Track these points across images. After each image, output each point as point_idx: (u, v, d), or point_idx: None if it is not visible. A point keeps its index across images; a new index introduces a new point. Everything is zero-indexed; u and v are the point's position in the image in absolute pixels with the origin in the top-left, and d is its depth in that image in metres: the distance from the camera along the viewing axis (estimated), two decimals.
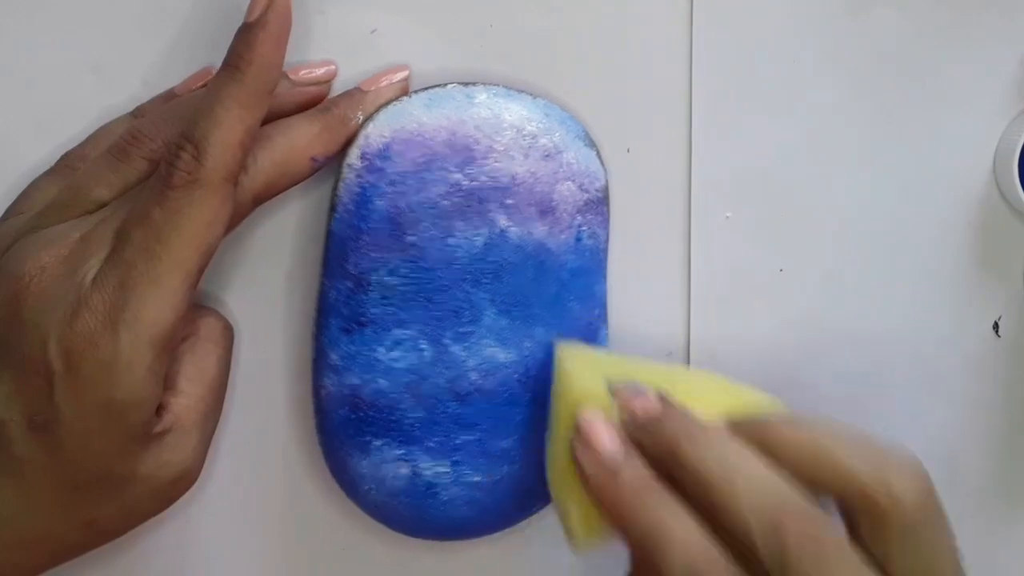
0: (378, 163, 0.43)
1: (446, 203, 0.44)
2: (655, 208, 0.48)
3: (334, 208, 0.44)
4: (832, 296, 0.50)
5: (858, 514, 0.37)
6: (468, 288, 0.44)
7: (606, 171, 0.46)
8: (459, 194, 0.44)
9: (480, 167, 0.44)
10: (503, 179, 0.44)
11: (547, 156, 0.44)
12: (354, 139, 0.44)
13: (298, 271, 0.47)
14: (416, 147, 0.43)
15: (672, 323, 0.49)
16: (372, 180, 0.43)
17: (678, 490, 0.38)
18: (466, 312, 0.44)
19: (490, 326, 0.44)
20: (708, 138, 0.48)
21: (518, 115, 0.44)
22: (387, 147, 0.43)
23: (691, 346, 0.49)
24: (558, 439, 0.42)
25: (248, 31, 0.40)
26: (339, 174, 0.44)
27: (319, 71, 0.45)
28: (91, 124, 0.45)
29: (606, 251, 0.47)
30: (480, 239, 0.44)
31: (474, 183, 0.44)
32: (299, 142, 0.43)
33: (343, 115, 0.44)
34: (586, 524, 0.41)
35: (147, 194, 0.39)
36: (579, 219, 0.45)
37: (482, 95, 0.44)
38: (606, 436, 0.39)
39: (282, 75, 0.44)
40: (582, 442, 0.40)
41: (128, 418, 0.39)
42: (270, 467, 0.48)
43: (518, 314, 0.45)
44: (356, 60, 0.45)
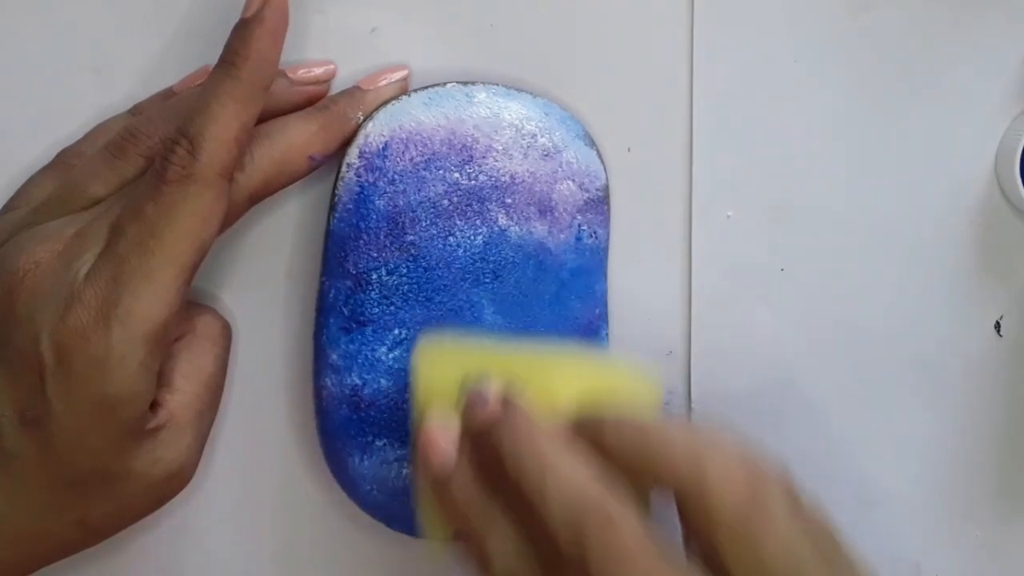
0: (377, 162, 0.44)
1: (445, 202, 0.44)
2: (655, 207, 0.48)
3: (333, 207, 0.44)
4: (832, 296, 0.50)
5: (681, 508, 0.37)
6: (468, 287, 0.44)
7: (606, 170, 0.46)
8: (458, 193, 0.44)
9: (479, 166, 0.44)
10: (502, 178, 0.44)
11: (546, 155, 0.45)
12: (353, 138, 0.44)
13: (297, 270, 0.47)
14: (415, 146, 0.44)
15: (672, 323, 0.49)
16: (371, 179, 0.44)
17: (509, 495, 0.38)
18: (466, 311, 0.44)
19: (490, 325, 0.44)
20: (708, 138, 0.48)
21: (517, 114, 0.44)
22: (386, 146, 0.44)
23: (691, 346, 0.49)
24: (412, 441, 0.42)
25: (244, 27, 0.40)
26: (338, 173, 0.44)
27: (318, 70, 0.45)
28: (90, 123, 0.45)
29: (607, 250, 0.47)
30: (480, 238, 0.44)
31: (473, 182, 0.44)
32: (297, 140, 0.43)
33: (342, 113, 0.44)
34: (434, 524, 0.41)
35: (142, 189, 0.39)
36: (579, 218, 0.45)
37: (481, 94, 0.44)
38: (440, 443, 0.39)
39: (281, 74, 0.44)
40: (420, 449, 0.40)
41: (120, 413, 0.39)
42: (269, 467, 0.48)
43: (518, 313, 0.45)
44: (356, 59, 0.45)
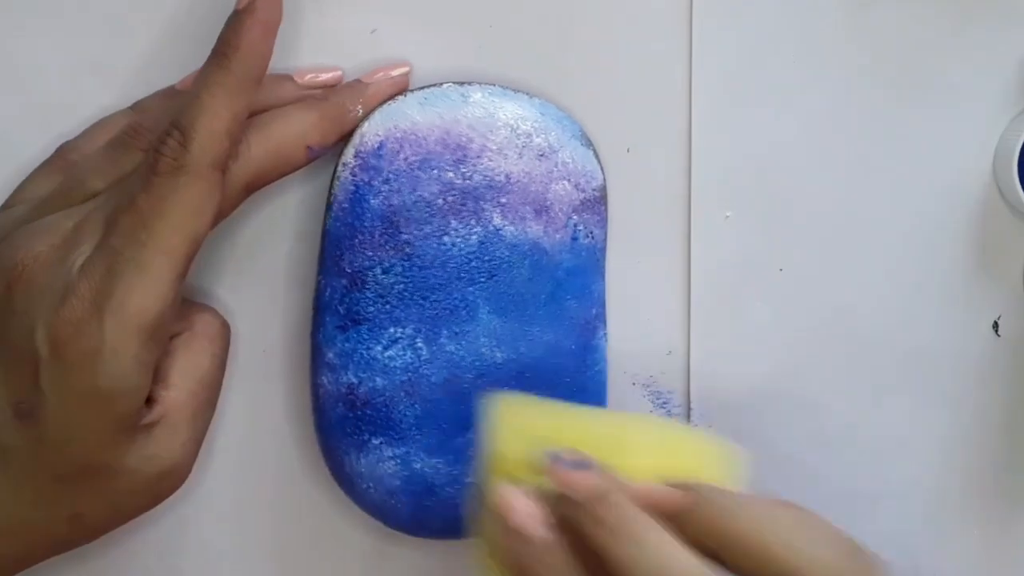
0: (372, 161, 0.44)
1: (440, 201, 0.44)
2: (655, 208, 0.48)
3: (329, 206, 0.44)
4: (832, 296, 0.50)
5: None
6: (463, 287, 0.44)
7: (604, 171, 0.46)
8: (453, 193, 0.44)
9: (474, 166, 0.44)
10: (497, 178, 0.44)
11: (542, 155, 0.45)
12: (349, 138, 0.44)
13: (294, 269, 0.47)
14: (410, 146, 0.44)
15: (672, 323, 0.49)
16: (366, 178, 0.44)
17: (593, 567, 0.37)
18: (461, 310, 0.44)
19: (485, 325, 0.45)
20: (708, 138, 0.48)
21: (513, 114, 0.44)
22: (381, 145, 0.44)
23: (691, 346, 0.49)
24: (482, 494, 0.40)
25: (236, 18, 0.40)
26: (334, 172, 0.44)
27: (325, 75, 0.45)
28: (90, 123, 0.45)
29: (604, 250, 0.47)
30: (475, 237, 0.44)
31: (468, 182, 0.44)
32: (295, 129, 0.42)
33: (341, 105, 0.44)
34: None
35: (135, 181, 0.39)
36: (575, 218, 0.45)
37: (477, 94, 0.44)
38: (521, 508, 0.38)
39: (287, 78, 0.45)
40: (498, 511, 0.38)
41: (113, 407, 0.39)
42: (267, 465, 0.48)
43: (513, 313, 0.45)
44: (356, 60, 0.45)
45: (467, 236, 0.44)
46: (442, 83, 0.45)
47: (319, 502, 0.49)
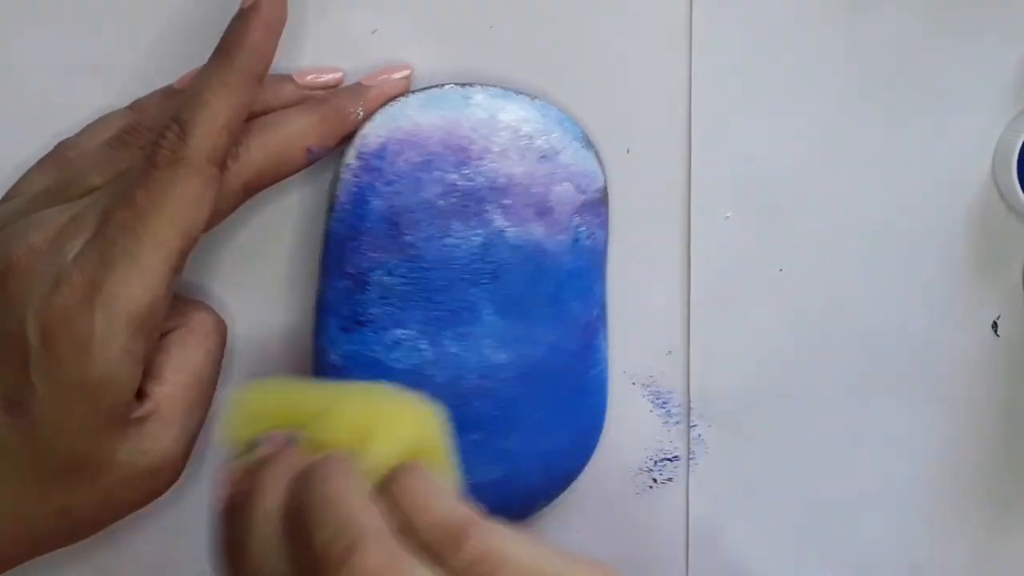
0: (375, 163, 0.44)
1: (443, 203, 0.44)
2: (655, 208, 0.48)
3: (332, 208, 0.44)
4: (832, 296, 0.50)
5: None
6: (466, 288, 0.44)
7: (605, 172, 0.46)
8: (455, 194, 0.44)
9: (476, 168, 0.44)
10: (500, 180, 0.44)
11: (544, 157, 0.45)
12: (351, 139, 0.44)
13: (296, 270, 0.47)
14: (412, 147, 0.44)
15: (672, 323, 0.49)
16: (369, 180, 0.44)
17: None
18: (465, 312, 0.44)
19: (488, 326, 0.45)
20: (708, 138, 0.48)
21: (515, 116, 0.44)
22: (383, 147, 0.44)
23: (691, 346, 0.49)
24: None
25: (240, 17, 0.41)
26: (336, 174, 0.44)
27: (326, 76, 0.45)
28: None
29: (605, 252, 0.47)
30: (478, 239, 0.44)
31: (470, 183, 0.44)
32: (295, 131, 0.42)
33: (342, 107, 0.44)
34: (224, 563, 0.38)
35: (132, 174, 0.39)
36: (577, 220, 0.45)
37: (479, 96, 0.44)
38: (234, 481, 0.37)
39: (288, 79, 0.45)
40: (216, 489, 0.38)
41: (102, 398, 0.39)
42: None
43: (516, 314, 0.45)
44: (356, 60, 0.45)
45: (470, 238, 0.44)
46: (443, 84, 0.45)
47: None
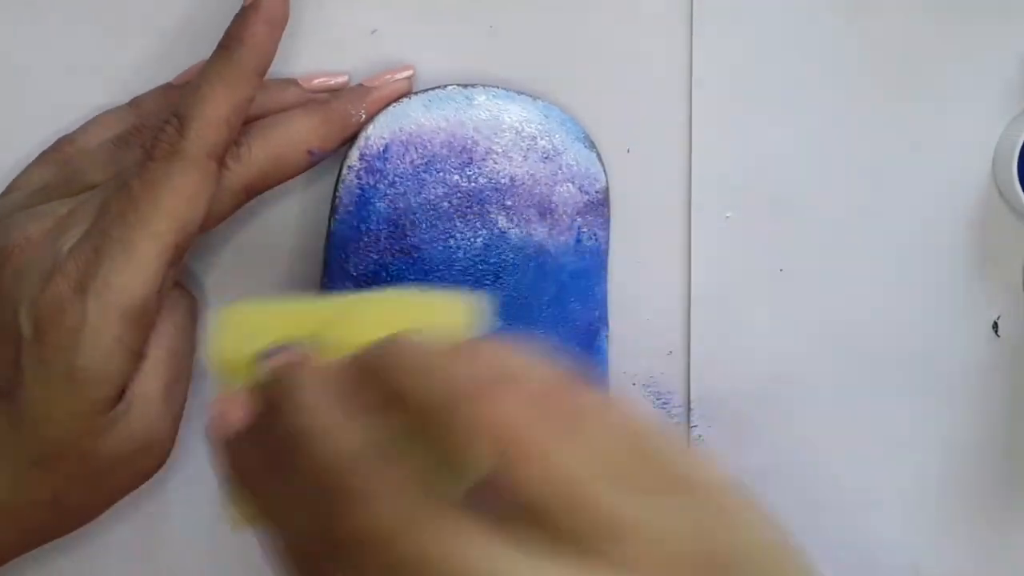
0: (377, 164, 0.44)
1: (445, 204, 0.44)
2: (655, 209, 0.48)
3: (334, 209, 0.44)
4: (832, 296, 0.50)
5: None
6: (469, 289, 0.44)
7: (606, 173, 0.46)
8: (458, 195, 0.44)
9: (479, 168, 0.44)
10: (502, 180, 0.44)
11: (546, 158, 0.45)
12: (354, 140, 0.44)
13: (299, 272, 0.47)
14: (415, 148, 0.44)
15: (672, 323, 0.49)
16: (371, 181, 0.44)
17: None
18: None
19: (491, 327, 0.44)
20: (708, 138, 0.48)
21: (517, 117, 0.44)
22: (386, 148, 0.44)
23: (691, 346, 0.49)
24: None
25: (242, 13, 0.41)
26: (339, 175, 0.44)
27: (332, 81, 0.45)
28: None
29: (607, 252, 0.47)
30: (480, 240, 0.44)
31: (473, 184, 0.44)
32: (296, 133, 0.42)
33: (343, 109, 0.44)
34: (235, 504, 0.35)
35: (130, 168, 0.40)
36: (579, 220, 0.45)
37: (481, 97, 0.44)
38: (231, 414, 0.34)
39: (293, 82, 0.45)
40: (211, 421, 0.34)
41: (93, 388, 0.39)
42: None
43: (518, 315, 0.45)
44: (357, 60, 0.45)
45: (472, 239, 0.44)
46: (446, 85, 0.45)
47: None
